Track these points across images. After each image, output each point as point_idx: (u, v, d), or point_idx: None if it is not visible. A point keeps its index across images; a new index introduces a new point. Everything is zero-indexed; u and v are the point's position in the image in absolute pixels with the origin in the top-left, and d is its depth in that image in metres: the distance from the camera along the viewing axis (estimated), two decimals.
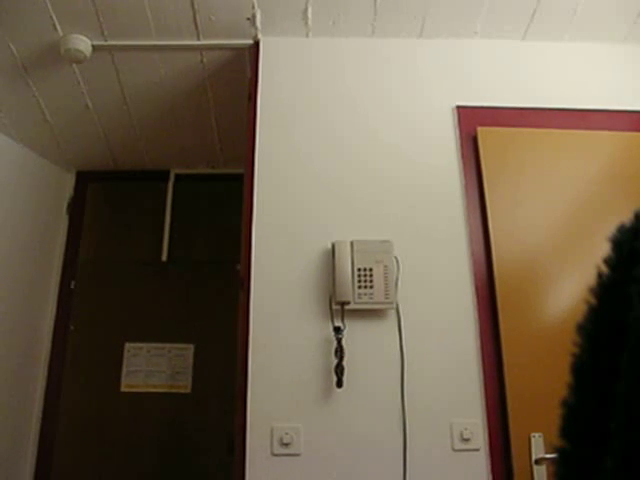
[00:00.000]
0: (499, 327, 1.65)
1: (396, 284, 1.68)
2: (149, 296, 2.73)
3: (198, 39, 2.05)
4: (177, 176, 2.93)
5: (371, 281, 1.66)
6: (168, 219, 2.84)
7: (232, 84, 2.26)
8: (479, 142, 1.86)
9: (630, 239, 0.37)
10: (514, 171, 1.85)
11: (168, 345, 2.62)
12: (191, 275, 2.76)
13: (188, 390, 2.55)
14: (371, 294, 1.65)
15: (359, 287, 1.65)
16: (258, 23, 1.98)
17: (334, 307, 1.66)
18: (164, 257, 2.78)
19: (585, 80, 2.01)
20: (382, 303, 1.65)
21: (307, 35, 2.03)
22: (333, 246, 1.70)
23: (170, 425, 2.53)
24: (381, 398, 1.60)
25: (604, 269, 0.39)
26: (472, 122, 1.90)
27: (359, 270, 1.67)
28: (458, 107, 1.94)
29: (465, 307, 1.70)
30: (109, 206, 2.97)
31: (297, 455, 1.55)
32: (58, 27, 1.96)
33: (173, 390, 2.56)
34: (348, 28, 2.00)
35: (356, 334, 1.64)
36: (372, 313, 1.67)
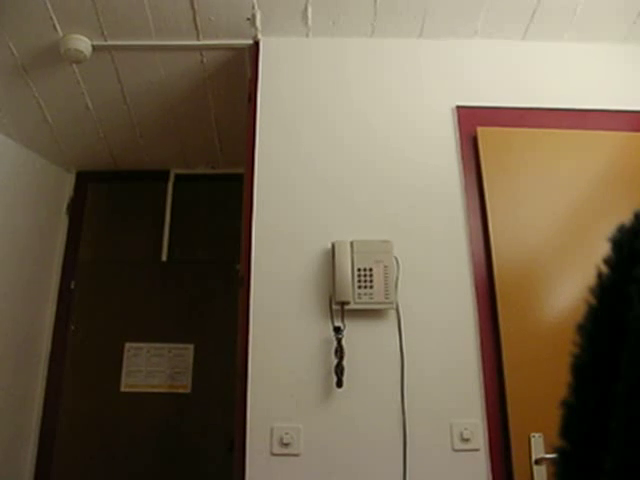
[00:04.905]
0: (499, 327, 1.65)
1: (396, 284, 1.68)
2: (149, 296, 2.73)
3: (198, 39, 2.05)
4: (177, 176, 2.94)
5: (371, 281, 1.66)
6: (168, 219, 2.85)
7: (232, 84, 2.26)
8: (479, 142, 1.86)
9: (630, 239, 0.37)
10: (514, 171, 1.85)
11: (168, 345, 2.62)
12: (191, 275, 2.76)
13: (188, 390, 2.56)
14: (371, 294, 1.65)
15: (359, 287, 1.65)
16: (258, 23, 1.98)
17: (334, 307, 1.66)
18: (164, 257, 2.78)
19: (585, 80, 2.01)
20: (382, 303, 1.65)
21: (307, 35, 2.03)
22: (333, 246, 1.70)
23: (170, 425, 2.53)
24: (381, 398, 1.60)
25: (604, 269, 0.39)
26: (472, 122, 1.90)
27: (359, 270, 1.67)
28: (458, 107, 1.94)
29: (465, 307, 1.70)
30: (109, 206, 2.97)
31: (297, 455, 1.54)
32: (58, 27, 1.96)
33: (173, 390, 2.56)
34: (348, 28, 2.00)
35: (356, 334, 1.64)
36: (372, 313, 1.67)
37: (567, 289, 1.70)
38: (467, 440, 1.56)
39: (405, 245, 1.74)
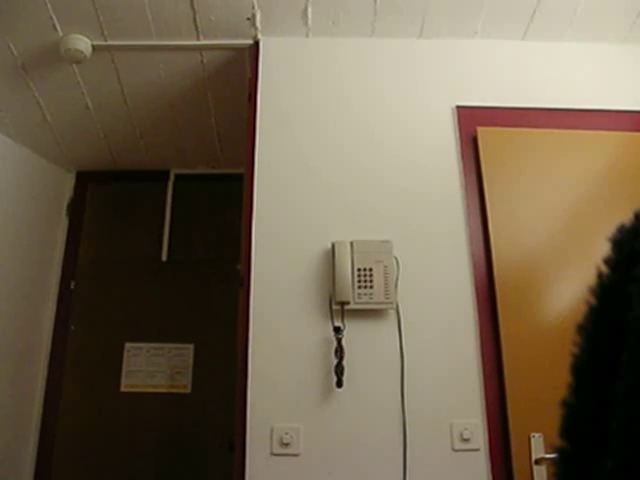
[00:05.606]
0: (499, 327, 1.65)
1: (396, 284, 1.68)
2: (149, 296, 2.73)
3: (198, 39, 2.05)
4: (177, 176, 2.94)
5: (371, 281, 1.66)
6: (168, 219, 2.85)
7: (232, 84, 2.26)
8: (479, 142, 1.86)
9: (630, 239, 0.37)
10: (514, 171, 1.85)
11: (168, 345, 2.62)
12: (191, 275, 2.76)
13: (188, 390, 2.56)
14: (371, 294, 1.65)
15: (359, 287, 1.65)
16: (258, 23, 1.98)
17: (334, 307, 1.66)
18: (164, 257, 2.78)
19: (585, 80, 2.01)
20: (382, 303, 1.65)
21: (307, 35, 2.03)
22: (333, 246, 1.70)
23: (170, 425, 2.53)
24: (381, 398, 1.60)
25: (604, 269, 0.39)
26: (472, 122, 1.90)
27: (359, 270, 1.67)
28: (458, 107, 1.94)
29: (465, 307, 1.70)
30: (109, 206, 2.96)
31: (297, 455, 1.55)
32: (58, 27, 1.96)
33: (173, 390, 2.56)
34: (348, 28, 2.00)
35: (356, 334, 1.64)
36: (372, 313, 1.67)
37: (567, 289, 1.70)
38: (467, 440, 1.56)
39: (405, 245, 1.74)
